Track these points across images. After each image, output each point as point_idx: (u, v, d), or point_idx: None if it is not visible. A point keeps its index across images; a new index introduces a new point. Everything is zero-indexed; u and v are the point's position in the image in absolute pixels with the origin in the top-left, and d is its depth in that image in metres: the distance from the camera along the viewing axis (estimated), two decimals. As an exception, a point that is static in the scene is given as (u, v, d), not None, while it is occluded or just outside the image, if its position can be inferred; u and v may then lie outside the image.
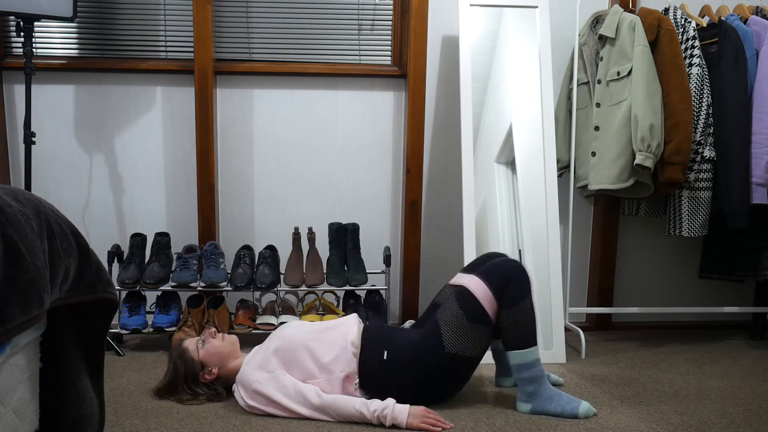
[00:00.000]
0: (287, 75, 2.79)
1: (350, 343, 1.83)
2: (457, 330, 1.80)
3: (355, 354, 1.82)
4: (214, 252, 2.51)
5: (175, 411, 1.81)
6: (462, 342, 1.80)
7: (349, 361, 1.81)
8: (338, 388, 1.79)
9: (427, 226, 2.87)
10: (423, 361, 1.81)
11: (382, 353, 1.83)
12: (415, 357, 1.82)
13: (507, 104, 2.54)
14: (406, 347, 1.84)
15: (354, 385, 1.81)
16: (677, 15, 2.53)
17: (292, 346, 1.83)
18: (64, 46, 2.74)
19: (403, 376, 1.81)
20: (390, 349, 1.83)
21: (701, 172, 2.47)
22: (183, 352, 1.89)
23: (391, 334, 1.89)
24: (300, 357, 1.81)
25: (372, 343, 1.85)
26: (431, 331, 1.83)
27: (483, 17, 2.58)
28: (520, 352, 1.81)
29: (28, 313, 1.06)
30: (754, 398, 2.01)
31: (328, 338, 1.85)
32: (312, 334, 1.86)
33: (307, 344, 1.83)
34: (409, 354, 1.82)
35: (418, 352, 1.82)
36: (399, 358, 1.82)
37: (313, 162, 2.84)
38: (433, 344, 1.81)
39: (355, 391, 1.81)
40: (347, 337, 1.84)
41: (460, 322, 1.80)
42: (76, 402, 1.31)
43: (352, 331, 1.86)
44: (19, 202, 1.14)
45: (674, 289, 3.02)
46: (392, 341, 1.86)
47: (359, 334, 1.87)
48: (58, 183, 2.75)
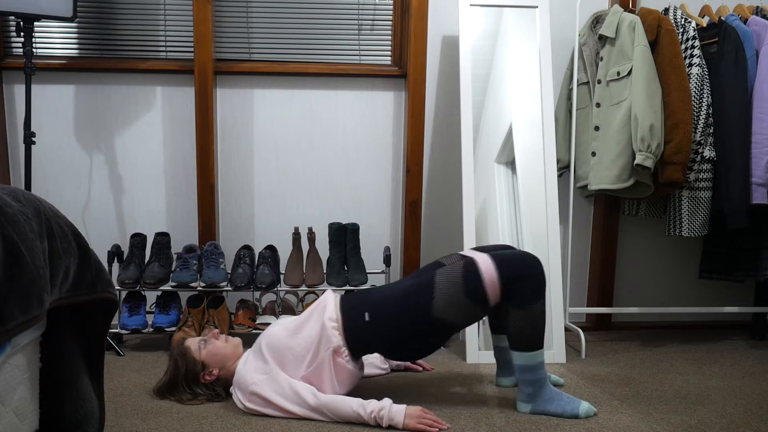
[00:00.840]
0: (287, 75, 2.79)
1: (328, 319, 1.80)
2: (451, 299, 1.75)
3: (336, 327, 1.80)
4: (214, 252, 2.51)
5: (175, 411, 1.81)
6: (450, 311, 1.76)
7: (330, 337, 1.78)
8: (328, 368, 1.77)
9: (427, 226, 2.87)
10: (406, 317, 1.78)
11: (364, 315, 1.80)
12: (398, 310, 1.78)
13: (507, 104, 2.54)
14: (388, 302, 1.81)
15: (344, 357, 1.79)
16: (677, 15, 2.53)
17: (277, 346, 1.82)
18: (64, 46, 2.74)
19: (387, 332, 1.79)
20: (370, 310, 1.81)
21: (701, 172, 2.47)
22: (185, 351, 1.89)
23: (370, 295, 1.87)
24: (285, 356, 1.81)
25: (351, 311, 1.83)
26: (423, 288, 1.78)
27: (483, 17, 2.58)
28: (525, 354, 1.79)
29: (28, 313, 1.06)
30: (754, 398, 2.01)
31: (307, 327, 1.83)
32: (291, 329, 1.85)
33: (288, 344, 1.81)
34: (392, 308, 1.79)
35: (402, 306, 1.79)
36: (381, 315, 1.79)
37: (313, 162, 2.84)
38: (420, 301, 1.77)
39: (347, 363, 1.79)
40: (324, 315, 1.82)
41: (457, 293, 1.75)
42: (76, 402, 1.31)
43: (329, 308, 1.84)
44: (19, 202, 1.14)
45: (674, 289, 3.02)
46: (371, 302, 1.83)
47: (337, 307, 1.85)
48: (58, 183, 2.75)
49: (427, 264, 1.93)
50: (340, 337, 1.79)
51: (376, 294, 1.87)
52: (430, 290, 1.77)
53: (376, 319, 1.80)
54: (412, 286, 1.81)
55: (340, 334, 1.80)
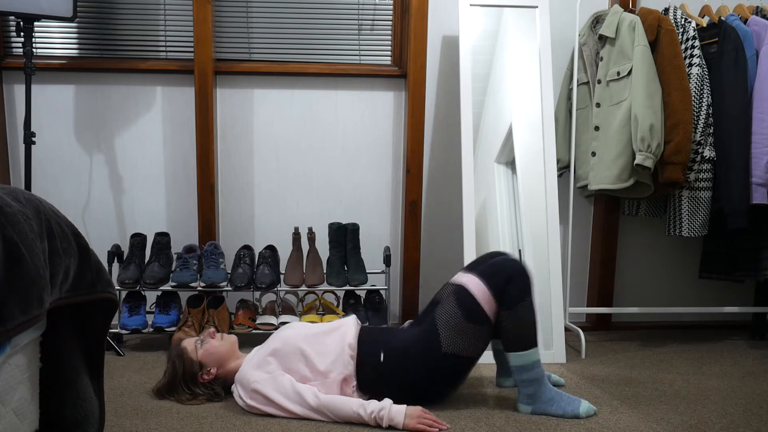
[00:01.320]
0: (287, 75, 2.79)
1: (347, 345, 1.83)
2: (455, 330, 1.79)
3: (352, 356, 1.82)
4: (214, 252, 2.51)
5: (175, 411, 1.81)
6: (459, 342, 1.79)
7: (346, 363, 1.81)
8: (336, 392, 1.79)
9: (427, 226, 2.87)
10: (419, 361, 1.81)
11: (379, 355, 1.83)
12: (411, 356, 1.81)
13: (507, 104, 2.54)
14: (403, 347, 1.83)
15: (351, 387, 1.81)
16: (677, 15, 2.53)
17: (288, 350, 1.83)
18: (64, 46, 2.74)
19: (399, 377, 1.81)
20: (386, 350, 1.83)
21: (701, 172, 2.47)
22: (181, 352, 1.89)
23: (388, 335, 1.89)
24: (295, 361, 1.81)
25: (368, 344, 1.85)
26: (428, 330, 1.82)
27: (483, 17, 2.58)
28: (519, 354, 1.80)
29: (28, 313, 1.06)
30: (754, 398, 2.01)
31: (325, 341, 1.85)
32: (309, 338, 1.86)
33: (303, 349, 1.82)
34: (406, 354, 1.82)
35: (414, 351, 1.82)
36: (395, 358, 1.82)
37: (313, 162, 2.84)
38: (429, 343, 1.80)
39: (352, 393, 1.80)
40: (344, 340, 1.84)
41: (458, 321, 1.79)
42: (76, 402, 1.31)
43: (350, 334, 1.86)
44: (19, 202, 1.14)
45: (674, 289, 3.02)
46: (389, 342, 1.85)
47: (356, 336, 1.87)
48: (58, 183, 2.75)
49: (426, 306, 1.98)
50: (354, 367, 1.81)
51: (393, 337, 1.88)
52: (435, 329, 1.81)
53: (390, 361, 1.82)
54: (418, 332, 1.85)
55: (354, 364, 1.82)
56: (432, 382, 1.83)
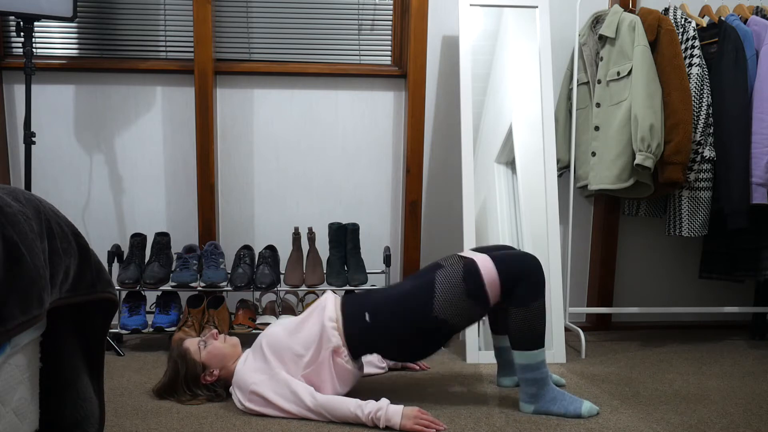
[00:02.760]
0: (287, 75, 2.79)
1: (328, 319, 1.81)
2: (452, 299, 1.76)
3: (336, 327, 1.80)
4: (214, 252, 2.51)
5: (175, 411, 1.81)
6: (451, 311, 1.76)
7: (330, 337, 1.79)
8: (328, 368, 1.78)
9: (427, 226, 2.87)
10: (406, 317, 1.78)
11: (364, 316, 1.81)
12: (398, 311, 1.79)
13: (507, 104, 2.54)
14: (389, 303, 1.81)
15: (344, 358, 1.79)
16: (677, 15, 2.53)
17: (277, 346, 1.83)
18: (64, 46, 2.74)
19: (387, 332, 1.79)
20: (371, 309, 1.81)
21: (701, 172, 2.47)
22: (185, 352, 1.89)
23: (370, 296, 1.88)
24: (285, 355, 1.81)
25: (352, 311, 1.84)
26: (424, 289, 1.79)
27: (483, 17, 2.58)
28: (527, 353, 1.80)
29: (28, 313, 1.06)
30: (754, 398, 2.01)
31: (306, 327, 1.84)
32: (291, 329, 1.85)
33: (288, 344, 1.82)
34: (393, 309, 1.80)
35: (403, 306, 1.79)
36: (381, 314, 1.80)
37: (313, 162, 2.84)
38: (421, 302, 1.77)
39: (347, 363, 1.79)
40: (324, 316, 1.82)
41: (458, 294, 1.76)
42: (76, 402, 1.31)
43: (329, 308, 1.84)
44: (19, 202, 1.14)
45: (674, 289, 3.02)
46: (372, 303, 1.84)
47: (337, 308, 1.85)
48: (58, 183, 2.75)
49: (427, 265, 1.92)
50: (340, 337, 1.80)
51: (377, 295, 1.87)
52: (431, 291, 1.77)
53: (376, 320, 1.80)
54: (413, 287, 1.82)
55: (339, 334, 1.80)
56: (415, 339, 1.81)
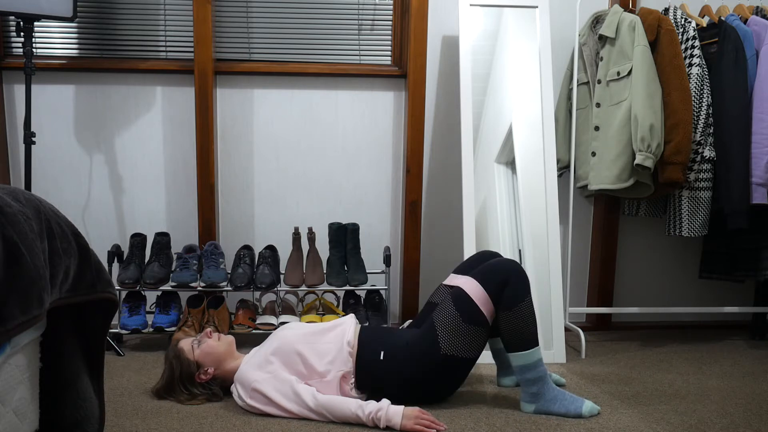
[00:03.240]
0: (287, 75, 2.79)
1: (347, 343, 1.84)
2: (453, 331, 1.80)
3: (351, 354, 1.83)
4: (214, 252, 2.51)
5: (175, 411, 1.81)
6: (457, 343, 1.80)
7: (345, 361, 1.82)
8: (335, 390, 1.79)
9: (427, 226, 2.87)
10: (419, 362, 1.81)
11: (379, 353, 1.84)
12: (410, 357, 1.82)
13: (507, 104, 2.54)
14: (402, 347, 1.84)
15: (350, 384, 1.82)
16: (677, 15, 2.53)
17: (287, 349, 1.83)
18: (64, 46, 2.74)
19: (399, 376, 1.82)
20: (386, 350, 1.84)
21: (701, 172, 2.47)
22: (179, 352, 1.90)
23: (388, 335, 1.90)
24: (294, 361, 1.82)
25: (368, 343, 1.86)
26: (427, 332, 1.83)
27: (483, 17, 2.58)
28: (522, 354, 1.81)
29: (28, 313, 1.06)
30: (754, 398, 2.01)
31: (323, 340, 1.86)
32: (308, 337, 1.87)
33: (300, 350, 1.83)
34: (405, 354, 1.83)
35: (413, 352, 1.82)
36: (395, 358, 1.83)
37: (313, 162, 2.84)
38: (428, 345, 1.81)
39: (350, 391, 1.81)
40: (344, 338, 1.85)
41: (456, 323, 1.80)
42: (76, 402, 1.31)
43: (349, 332, 1.87)
44: (19, 202, 1.14)
45: (674, 289, 3.02)
46: (389, 341, 1.87)
47: (356, 335, 1.88)
48: (58, 183, 2.75)
49: (423, 308, 2.04)
50: (353, 364, 1.82)
51: (393, 337, 1.89)
52: (433, 331, 1.82)
53: (389, 360, 1.83)
54: (418, 335, 1.86)
55: (353, 362, 1.83)
56: (431, 382, 1.84)
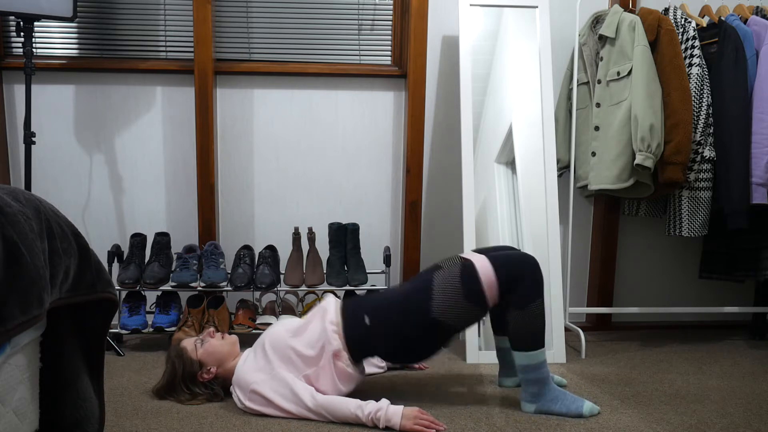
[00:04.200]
0: (287, 75, 2.79)
1: (329, 322, 1.82)
2: (450, 301, 1.76)
3: (336, 331, 1.81)
4: (214, 252, 2.51)
5: (175, 411, 1.81)
6: (449, 313, 1.76)
7: (331, 339, 1.79)
8: (330, 372, 1.78)
9: (427, 226, 2.87)
10: (405, 320, 1.78)
11: (363, 319, 1.81)
12: (397, 313, 1.79)
13: (507, 104, 2.54)
14: (388, 305, 1.82)
15: (345, 361, 1.79)
16: (677, 15, 2.53)
17: (281, 346, 1.83)
18: (64, 46, 2.74)
19: (387, 335, 1.80)
20: (370, 312, 1.82)
21: (701, 172, 2.47)
22: (181, 351, 1.89)
23: (370, 299, 1.89)
24: (289, 356, 1.81)
25: (352, 314, 1.84)
26: (422, 290, 1.79)
27: (483, 17, 2.58)
28: (527, 354, 1.80)
29: (28, 313, 1.06)
30: (754, 398, 2.01)
31: (309, 329, 1.85)
32: (294, 331, 1.86)
33: (292, 344, 1.82)
34: (392, 311, 1.80)
35: (401, 308, 1.79)
36: (381, 316, 1.81)
37: (313, 162, 2.84)
38: (419, 304, 1.77)
39: (347, 367, 1.79)
40: (325, 319, 1.83)
41: (456, 295, 1.76)
42: (76, 402, 1.31)
43: (330, 311, 1.86)
44: (19, 202, 1.14)
45: (674, 289, 3.02)
46: (372, 305, 1.84)
47: (337, 311, 1.86)
48: (58, 183, 2.75)
49: (427, 267, 1.93)
50: (341, 340, 1.81)
51: (377, 298, 1.88)
52: (429, 293, 1.78)
53: (375, 323, 1.81)
54: (411, 289, 1.82)
55: (340, 337, 1.81)
56: (414, 342, 1.81)
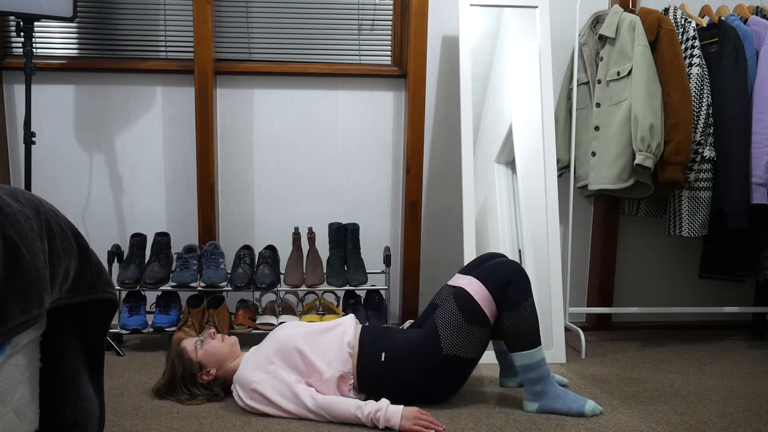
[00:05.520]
0: (287, 75, 2.79)
1: (347, 344, 1.83)
2: (455, 331, 1.80)
3: (352, 355, 1.83)
4: (214, 252, 2.51)
5: (175, 411, 1.81)
6: (459, 343, 1.80)
7: (345, 361, 1.81)
8: (332, 389, 1.78)
9: (427, 226, 2.87)
10: (420, 362, 1.81)
11: (380, 355, 1.83)
12: (412, 358, 1.82)
13: (507, 104, 2.54)
14: (403, 347, 1.84)
15: (349, 386, 1.80)
16: (677, 15, 2.53)
17: (287, 347, 1.83)
18: (64, 46, 2.74)
19: (400, 377, 1.81)
20: (387, 350, 1.84)
21: (701, 172, 2.47)
22: (181, 352, 1.89)
23: (389, 335, 1.90)
24: (294, 359, 1.82)
25: (369, 344, 1.86)
26: (429, 332, 1.83)
27: (483, 17, 2.58)
28: (525, 354, 1.81)
29: (28, 313, 1.06)
30: (754, 398, 2.01)
31: (323, 339, 1.85)
32: (307, 336, 1.86)
33: (300, 348, 1.82)
34: (407, 355, 1.82)
35: (415, 352, 1.82)
36: (396, 359, 1.82)
37: (313, 162, 2.84)
38: (430, 345, 1.81)
39: (348, 392, 1.80)
40: (344, 338, 1.85)
41: (459, 323, 1.80)
42: (76, 402, 1.31)
43: (349, 332, 1.87)
44: (19, 202, 1.14)
45: (674, 289, 3.02)
46: (390, 342, 1.86)
47: (356, 336, 1.87)
48: (58, 183, 2.75)
49: (426, 308, 2.04)
50: (353, 365, 1.82)
51: (394, 338, 1.89)
52: (435, 331, 1.82)
53: (390, 362, 1.82)
54: (420, 335, 1.85)
55: (353, 362, 1.82)
56: (433, 383, 1.83)
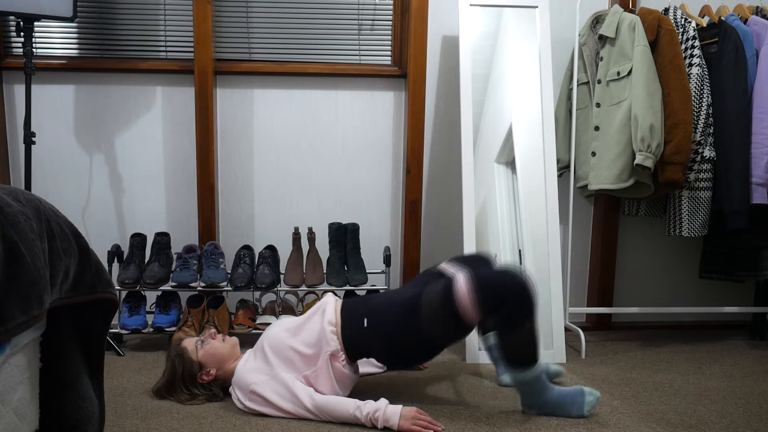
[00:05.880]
0: (287, 75, 2.79)
1: (327, 323, 1.82)
2: (434, 320, 1.74)
3: (335, 331, 1.81)
4: (214, 252, 2.51)
5: (175, 411, 1.81)
6: (434, 331, 1.75)
7: (329, 340, 1.80)
8: (327, 372, 1.78)
9: (427, 226, 2.87)
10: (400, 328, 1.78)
11: (362, 321, 1.81)
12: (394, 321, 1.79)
13: (507, 104, 2.54)
14: (386, 310, 1.81)
15: (341, 361, 1.79)
16: (677, 15, 2.53)
17: (281, 346, 1.83)
18: (64, 46, 2.74)
19: (386, 337, 1.80)
20: (369, 316, 1.82)
21: (701, 172, 2.47)
22: (182, 352, 1.89)
23: (369, 301, 1.88)
24: (289, 356, 1.82)
25: (351, 315, 1.84)
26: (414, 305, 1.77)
27: (483, 17, 2.58)
28: (518, 375, 1.77)
29: (28, 313, 1.06)
30: (754, 398, 2.01)
31: (307, 328, 1.85)
32: (293, 330, 1.86)
33: (291, 343, 1.82)
34: (390, 318, 1.80)
35: (398, 316, 1.78)
36: (378, 321, 1.80)
37: (313, 162, 2.84)
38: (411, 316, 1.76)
39: (343, 368, 1.79)
40: (324, 319, 1.83)
41: (437, 316, 1.73)
42: (76, 402, 1.31)
43: (329, 311, 1.85)
44: (19, 202, 1.14)
45: (674, 289, 3.02)
46: (371, 308, 1.84)
47: (336, 312, 1.86)
48: (58, 183, 2.75)
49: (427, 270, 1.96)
50: (338, 341, 1.81)
51: (376, 300, 1.88)
52: (417, 309, 1.76)
53: (374, 326, 1.81)
54: (406, 299, 1.80)
55: (338, 338, 1.81)
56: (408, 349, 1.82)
